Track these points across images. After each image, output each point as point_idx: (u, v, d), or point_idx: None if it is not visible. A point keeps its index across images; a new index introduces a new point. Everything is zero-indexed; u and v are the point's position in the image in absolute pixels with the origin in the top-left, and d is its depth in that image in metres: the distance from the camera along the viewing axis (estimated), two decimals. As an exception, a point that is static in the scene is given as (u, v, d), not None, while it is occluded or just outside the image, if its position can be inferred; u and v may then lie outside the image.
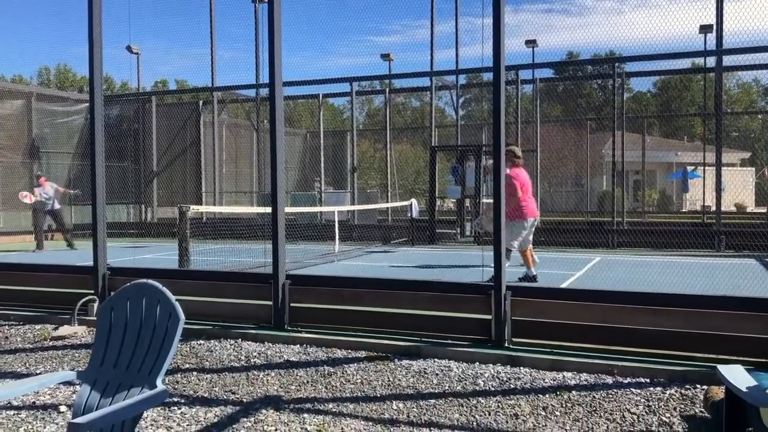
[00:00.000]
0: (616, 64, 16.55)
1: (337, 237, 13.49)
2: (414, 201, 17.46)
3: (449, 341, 5.76)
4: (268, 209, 6.73)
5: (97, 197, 7.26)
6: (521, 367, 5.24)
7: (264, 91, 18.48)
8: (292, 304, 6.49)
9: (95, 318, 5.95)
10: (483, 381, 4.94)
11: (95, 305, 7.08)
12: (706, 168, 18.98)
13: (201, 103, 20.71)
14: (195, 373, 5.28)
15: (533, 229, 9.18)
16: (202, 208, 16.15)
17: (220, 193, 20.39)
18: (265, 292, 6.59)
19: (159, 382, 2.90)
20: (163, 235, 17.75)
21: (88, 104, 7.50)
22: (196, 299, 6.77)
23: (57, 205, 15.50)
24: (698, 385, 4.68)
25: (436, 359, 5.49)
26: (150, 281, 3.18)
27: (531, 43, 18.78)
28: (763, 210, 22.13)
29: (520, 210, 8.78)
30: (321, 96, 20.42)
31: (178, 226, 10.41)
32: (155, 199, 20.56)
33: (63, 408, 4.47)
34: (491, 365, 5.32)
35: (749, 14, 22.19)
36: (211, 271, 8.78)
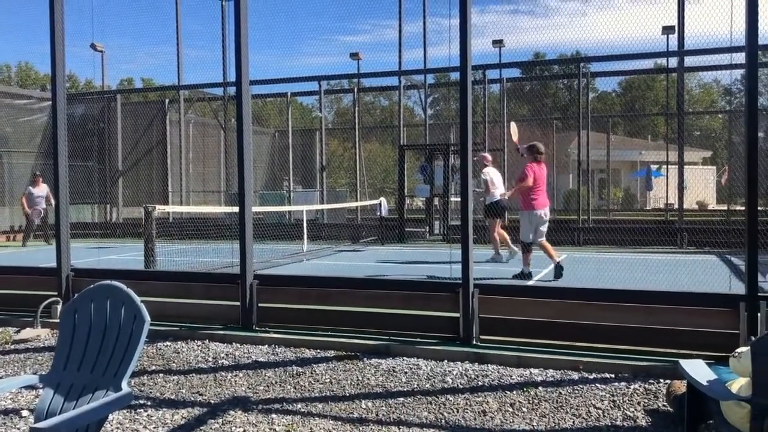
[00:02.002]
0: (582, 65, 16.77)
1: (305, 236, 13.45)
2: (383, 200, 17.49)
3: (418, 339, 5.79)
4: (236, 209, 6.69)
5: (61, 197, 7.14)
6: (489, 365, 5.29)
7: (231, 90, 18.32)
8: (260, 305, 6.45)
9: (58, 320, 5.84)
10: (451, 379, 4.97)
11: (59, 307, 6.95)
12: (669, 166, 19.36)
13: (167, 101, 20.45)
14: (162, 375, 5.22)
15: (546, 222, 9.38)
16: (169, 208, 15.96)
17: (187, 193, 20.16)
18: (232, 292, 6.54)
19: (124, 384, 2.86)
20: (129, 236, 17.50)
21: (50, 103, 7.35)
22: (162, 300, 6.69)
23: (43, 206, 15.67)
24: (661, 380, 4.77)
25: (405, 357, 5.52)
26: (114, 282, 3.14)
27: (498, 43, 18.92)
28: (723, 207, 22.65)
29: (530, 201, 9.11)
30: (289, 95, 20.32)
31: (143, 226, 10.28)
32: (120, 198, 20.25)
33: (25, 413, 4.38)
34: (459, 363, 5.35)
35: (710, 16, 22.68)
36: (177, 271, 8.68)
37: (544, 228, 9.30)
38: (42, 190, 15.77)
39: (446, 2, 5.83)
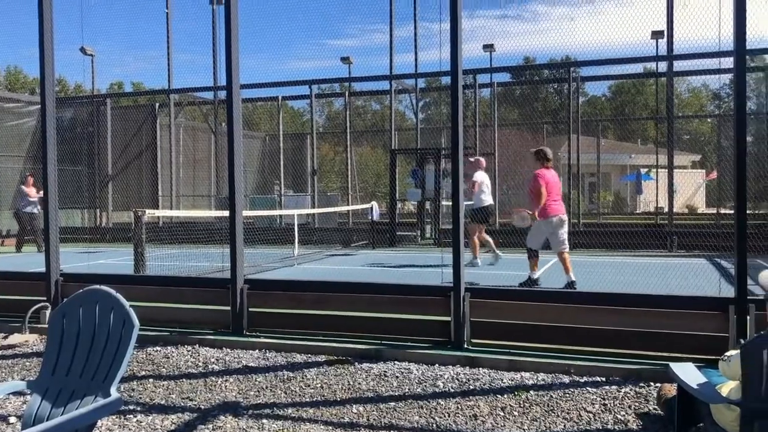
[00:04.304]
0: (571, 69, 16.85)
1: (296, 240, 13.42)
2: (375, 204, 17.49)
3: (410, 343, 5.78)
4: (226, 213, 6.66)
5: (50, 201, 7.09)
6: (480, 368, 5.29)
7: (222, 94, 18.28)
8: (250, 309, 6.43)
9: (47, 325, 5.80)
10: (442, 383, 4.97)
11: (47, 312, 6.90)
12: (659, 170, 19.46)
13: (157, 105, 20.38)
14: (151, 380, 5.19)
15: (565, 229, 8.97)
16: (159, 212, 15.88)
17: (177, 197, 20.09)
18: (223, 297, 6.51)
19: (113, 390, 2.84)
20: (119, 240, 17.40)
21: (39, 106, 7.31)
22: (152, 305, 6.65)
23: (36, 209, 15.09)
24: (652, 383, 4.79)
25: (396, 362, 5.51)
26: (103, 287, 3.12)
27: (488, 47, 18.98)
28: (713, 211, 22.77)
29: (544, 209, 8.79)
30: (280, 98, 20.30)
31: (133, 230, 10.23)
32: (110, 203, 20.15)
33: (12, 419, 4.34)
34: (451, 367, 5.35)
35: (698, 21, 22.80)
36: (167, 276, 8.64)
37: (563, 236, 8.87)
38: (34, 191, 15.36)
39: (436, 7, 5.85)
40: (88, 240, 18.20)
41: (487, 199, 11.38)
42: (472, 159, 11.58)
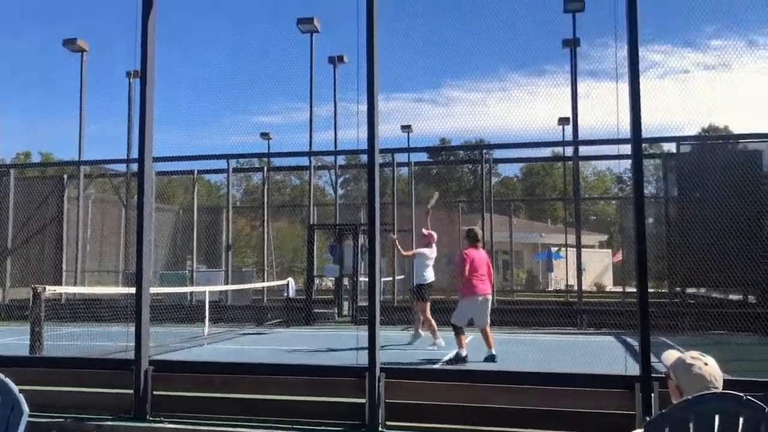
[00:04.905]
0: (484, 151, 17.52)
1: (207, 318, 12.96)
2: (291, 280, 17.22)
3: (322, 428, 5.59)
4: (134, 289, 6.37)
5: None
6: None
7: (134, 166, 17.87)
8: (155, 392, 6.07)
9: None
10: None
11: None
12: (568, 249, 20.23)
13: (66, 177, 19.66)
14: (39, 473, 4.76)
15: (489, 306, 9.24)
16: (60, 289, 15.06)
17: (83, 273, 19.16)
18: (125, 379, 6.14)
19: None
20: (15, 318, 16.32)
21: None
22: (47, 389, 6.19)
23: None
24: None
25: (307, 447, 5.29)
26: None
27: (406, 128, 19.58)
28: (620, 289, 23.72)
29: (468, 286, 9.00)
30: (196, 172, 20.01)
31: (31, 307, 9.62)
32: (8, 278, 18.96)
33: None
34: (364, 451, 5.18)
35: (600, 110, 24.40)
36: (64, 357, 8.10)
37: (486, 313, 9.15)
38: None
39: (354, 88, 6.00)
40: (-18, 318, 16.96)
41: (429, 276, 10.98)
42: (425, 232, 11.29)
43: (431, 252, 11.01)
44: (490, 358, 8.89)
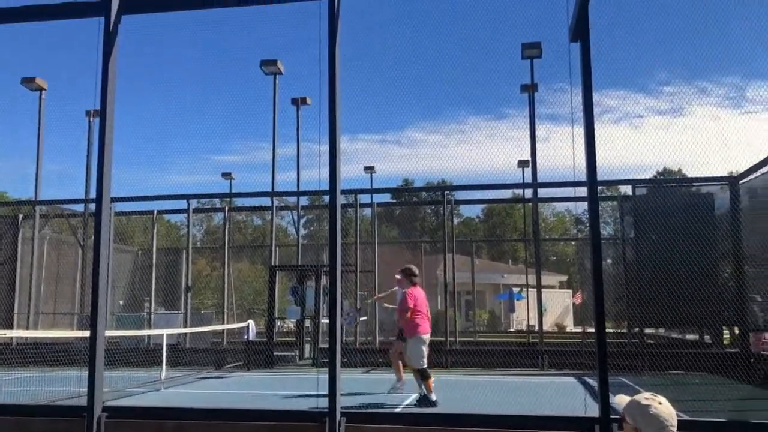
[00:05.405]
0: (446, 192, 17.70)
1: (164, 362, 12.65)
2: (251, 322, 16.94)
3: (281, 474, 5.46)
4: (88, 332, 6.20)
5: None
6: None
7: (92, 206, 17.56)
8: (107, 440, 5.87)
9: None
10: None
11: None
12: (529, 289, 20.39)
13: (21, 217, 19.20)
14: None
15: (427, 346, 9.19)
16: (12, 333, 14.57)
17: (36, 315, 18.57)
18: (77, 427, 5.92)
19: None
20: (-38, 363, 15.68)
21: None
22: (-8, 438, 5.94)
23: None
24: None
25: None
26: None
27: (369, 169, 19.70)
28: (580, 329, 23.94)
29: (415, 326, 8.98)
30: (156, 212, 19.74)
31: (-21, 352, 9.28)
32: (-44, 321, 18.26)
33: None
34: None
35: (558, 153, 24.97)
36: (11, 404, 7.79)
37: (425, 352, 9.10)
38: None
39: (317, 129, 6.04)
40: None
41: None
42: (398, 275, 10.27)
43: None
44: (432, 403, 8.76)
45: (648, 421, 2.69)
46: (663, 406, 2.71)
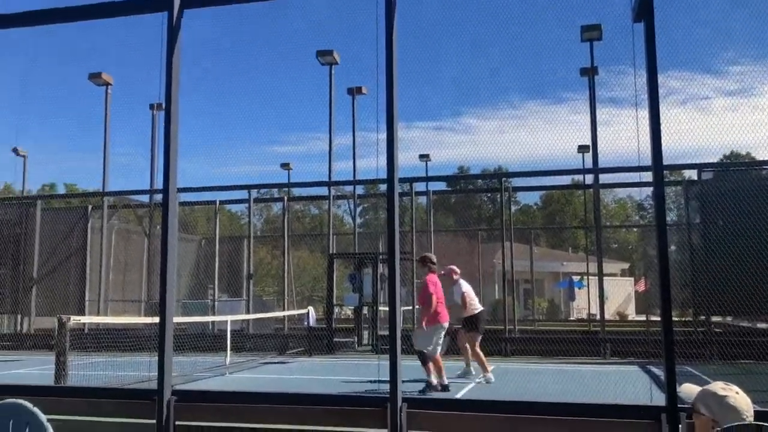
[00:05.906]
0: (504, 179, 17.51)
1: (228, 348, 12.99)
2: (311, 309, 17.22)
3: (344, 458, 5.55)
4: (156, 319, 6.41)
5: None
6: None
7: (158, 197, 18.12)
8: (177, 423, 6.07)
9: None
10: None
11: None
12: (590, 278, 20.02)
13: (90, 207, 19.97)
14: (63, 504, 4.78)
15: (443, 336, 9.25)
16: (85, 319, 15.20)
17: (106, 302, 19.33)
18: (147, 409, 6.14)
19: None
20: (41, 348, 16.49)
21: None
22: (71, 419, 6.22)
23: None
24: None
25: (330, 478, 5.25)
26: (18, 400, 2.92)
27: (424, 157, 19.66)
28: (643, 318, 23.40)
29: (436, 314, 9.01)
30: (218, 202, 20.23)
31: (56, 337, 9.72)
32: (33, 308, 19.19)
33: None
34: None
35: (620, 137, 24.34)
36: (87, 387, 8.15)
37: (441, 341, 9.16)
38: None
39: (374, 118, 6.08)
40: (8, 347, 17.17)
41: (477, 306, 10.67)
42: (443, 272, 10.43)
43: (466, 286, 10.73)
44: (428, 387, 8.87)
45: (725, 411, 2.62)
46: (740, 396, 2.64)
